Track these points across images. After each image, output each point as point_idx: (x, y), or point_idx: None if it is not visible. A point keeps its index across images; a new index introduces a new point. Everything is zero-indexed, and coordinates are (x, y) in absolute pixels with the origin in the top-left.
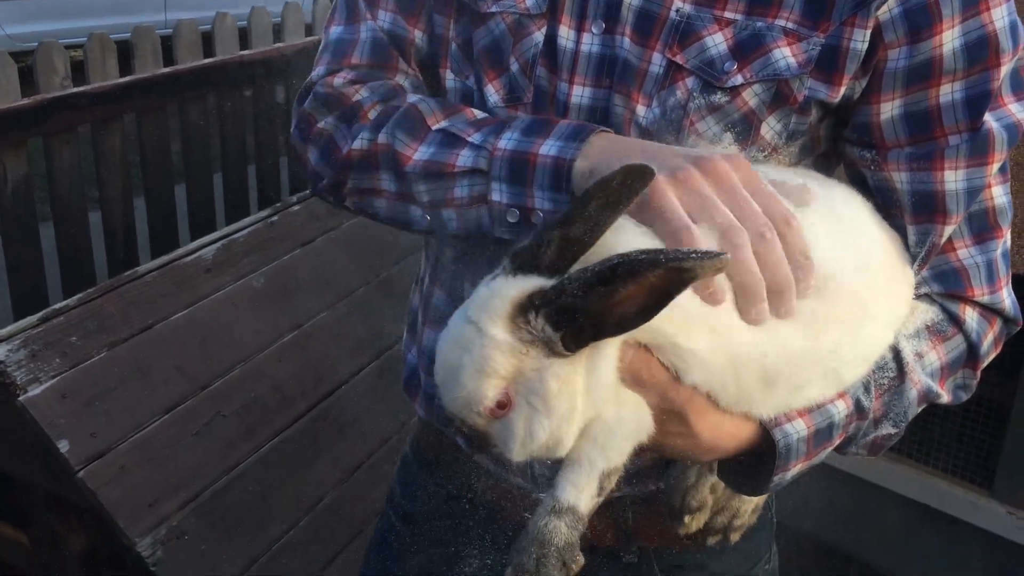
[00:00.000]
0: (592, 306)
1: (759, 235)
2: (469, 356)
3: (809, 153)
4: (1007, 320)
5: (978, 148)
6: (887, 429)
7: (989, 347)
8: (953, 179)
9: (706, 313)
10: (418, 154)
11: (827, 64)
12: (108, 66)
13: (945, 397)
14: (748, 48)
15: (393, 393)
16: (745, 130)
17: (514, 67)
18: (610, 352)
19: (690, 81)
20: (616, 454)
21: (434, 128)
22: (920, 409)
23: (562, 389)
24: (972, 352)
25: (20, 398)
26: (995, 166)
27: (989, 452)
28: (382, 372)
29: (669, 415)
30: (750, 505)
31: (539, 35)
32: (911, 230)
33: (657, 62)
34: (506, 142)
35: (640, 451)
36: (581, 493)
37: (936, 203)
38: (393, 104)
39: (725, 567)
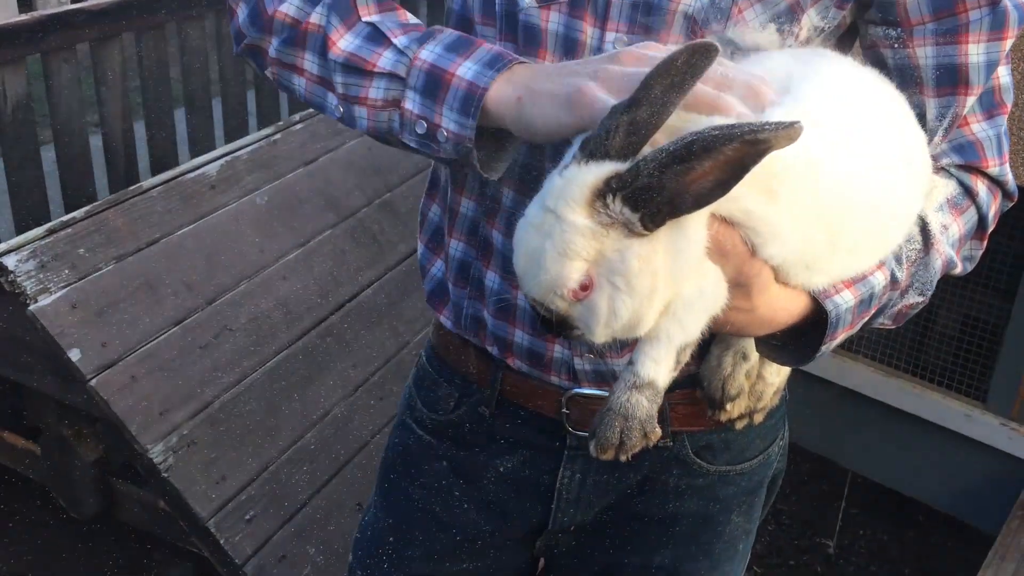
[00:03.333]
0: (669, 184)
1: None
2: (551, 242)
3: (832, 37)
4: (1007, 194)
5: (998, 22)
6: (913, 298)
7: (992, 219)
8: (976, 52)
9: (770, 175)
10: (343, 42)
11: None
12: None
13: (959, 266)
14: None
15: (396, 312)
16: (788, 21)
17: None
18: (695, 227)
19: None
20: (694, 327)
21: (363, 19)
22: (941, 276)
23: (643, 267)
24: (982, 223)
25: (30, 307)
26: (1008, 43)
27: (984, 367)
28: (386, 291)
29: (736, 289)
30: (772, 388)
31: None
32: (932, 103)
33: None
34: (428, 53)
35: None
36: (660, 367)
37: (960, 75)
38: None
39: (747, 444)
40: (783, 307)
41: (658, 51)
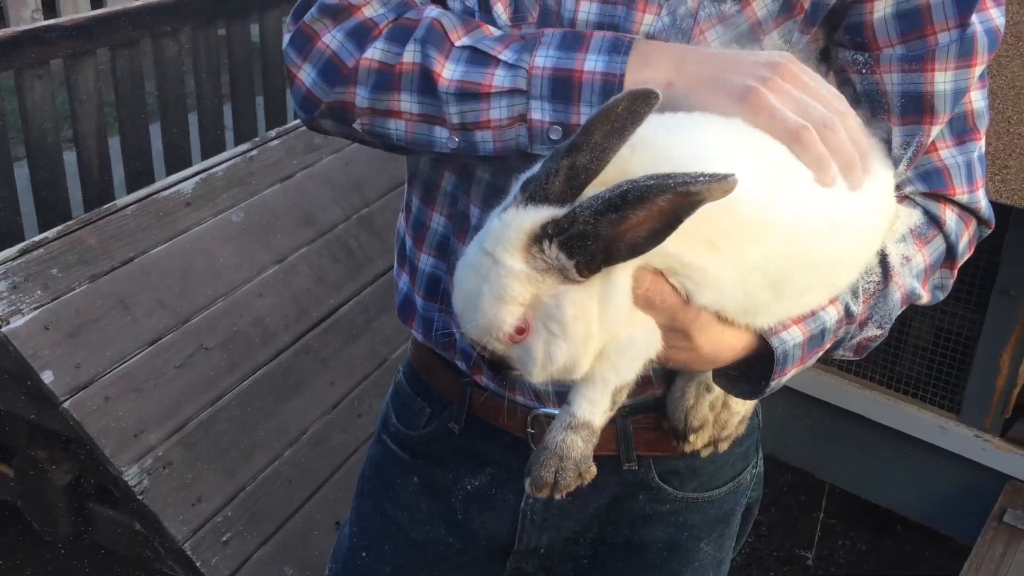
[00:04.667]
0: (604, 232)
1: (825, 125)
2: (488, 285)
3: (804, 60)
4: (981, 222)
5: (965, 50)
6: (872, 331)
7: (965, 248)
8: (943, 80)
9: (711, 232)
10: (448, 72)
11: None
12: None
13: (925, 297)
14: None
15: (374, 328)
16: (750, 42)
17: None
18: (623, 278)
19: None
20: (628, 371)
21: (457, 44)
22: (903, 309)
23: (578, 314)
24: (950, 252)
25: (2, 329)
26: (978, 69)
27: (957, 379)
28: (364, 307)
29: (674, 332)
30: (737, 417)
31: None
32: (898, 132)
33: None
34: (543, 59)
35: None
36: (596, 408)
37: (925, 104)
38: (409, 17)
39: (716, 471)
40: (728, 345)
41: (809, 77)
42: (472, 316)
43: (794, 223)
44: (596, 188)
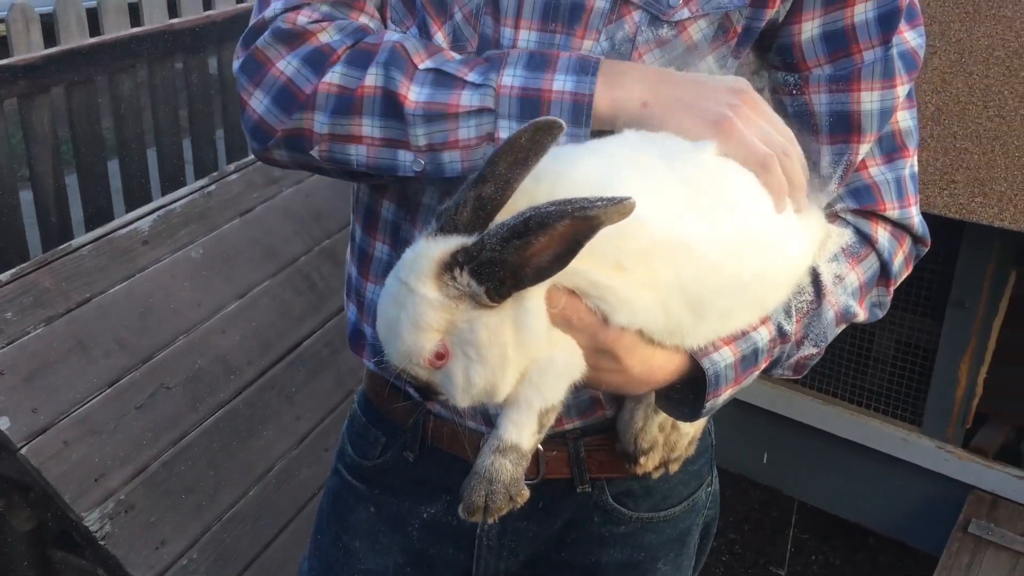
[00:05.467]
0: (510, 258)
1: (784, 153)
2: (405, 313)
3: None
4: (916, 239)
5: (888, 71)
6: (809, 350)
7: (900, 266)
8: (869, 99)
9: (616, 253)
10: (413, 94)
11: None
12: (33, 38)
13: (862, 315)
14: None
15: (340, 360)
16: (686, 66)
17: (457, 16)
18: (536, 300)
19: (637, 15)
20: (551, 393)
21: (421, 67)
22: (840, 329)
23: (492, 338)
24: (885, 270)
25: None
26: (901, 89)
27: (918, 391)
28: (328, 340)
29: (600, 354)
30: (686, 439)
31: None
32: (827, 151)
33: None
34: (510, 79)
35: (577, 388)
36: (522, 431)
37: (852, 122)
38: (369, 42)
39: (670, 491)
40: (659, 366)
41: (765, 105)
42: (393, 343)
43: (704, 243)
44: (505, 216)
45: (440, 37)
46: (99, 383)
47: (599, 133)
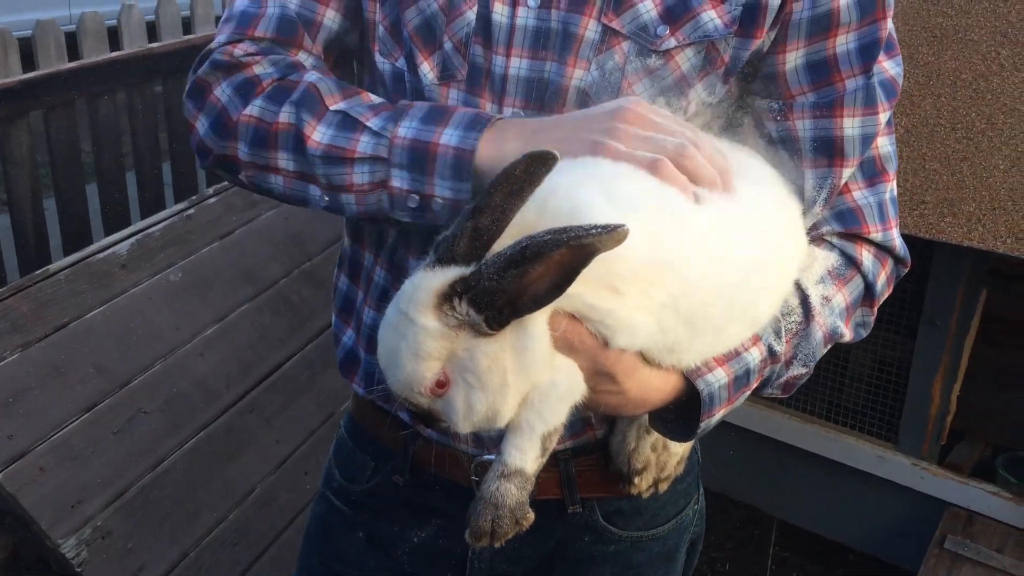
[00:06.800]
0: (508, 287)
1: (680, 151)
2: (405, 343)
3: (721, 110)
4: (897, 260)
5: (870, 98)
6: (798, 369)
7: (883, 287)
8: (851, 125)
9: (610, 277)
10: (317, 135)
11: (748, 21)
12: (10, 62)
13: (848, 335)
14: (677, 12)
15: (319, 383)
16: (676, 95)
17: (447, 46)
18: (538, 325)
19: (626, 45)
20: (553, 416)
21: (332, 108)
22: (827, 348)
23: (492, 365)
24: (869, 291)
25: None
26: (883, 115)
27: (892, 409)
28: (308, 363)
29: (600, 376)
30: (675, 459)
31: (471, 14)
32: (810, 175)
33: (593, 28)
34: (405, 130)
35: (574, 409)
36: (526, 455)
37: (835, 148)
38: (291, 79)
39: (659, 509)
40: (656, 387)
41: (655, 115)
42: (394, 373)
43: (689, 257)
44: (502, 246)
45: (427, 68)
46: (76, 408)
47: None
